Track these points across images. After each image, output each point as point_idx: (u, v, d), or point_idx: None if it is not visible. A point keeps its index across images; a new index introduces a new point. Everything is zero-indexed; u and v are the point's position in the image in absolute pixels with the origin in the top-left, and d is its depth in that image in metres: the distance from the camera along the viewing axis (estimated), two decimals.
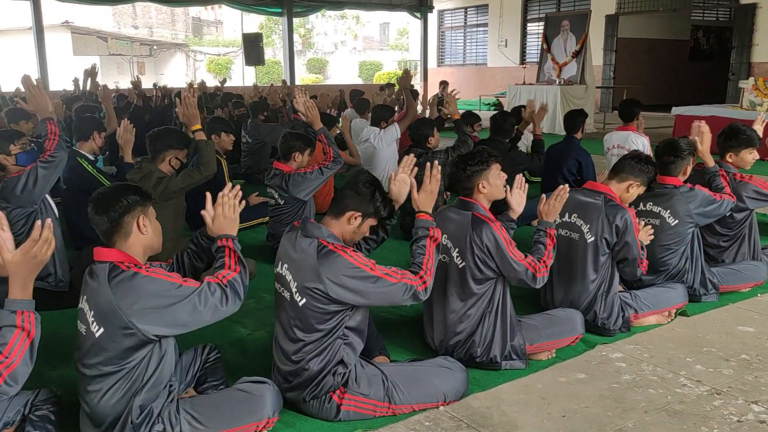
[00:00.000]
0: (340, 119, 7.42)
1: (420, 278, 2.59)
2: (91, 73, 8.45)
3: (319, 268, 2.50)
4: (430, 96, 14.92)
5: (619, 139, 6.31)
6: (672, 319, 3.63)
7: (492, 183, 3.11)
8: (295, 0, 18.95)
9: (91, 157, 5.25)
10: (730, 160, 4.17)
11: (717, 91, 15.46)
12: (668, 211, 3.80)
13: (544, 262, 2.99)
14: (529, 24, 19.36)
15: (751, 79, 9.44)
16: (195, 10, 36.67)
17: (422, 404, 2.70)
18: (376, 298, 2.55)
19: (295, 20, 34.31)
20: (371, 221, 2.68)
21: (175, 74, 29.06)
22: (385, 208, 2.70)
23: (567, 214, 3.48)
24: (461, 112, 6.04)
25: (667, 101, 15.17)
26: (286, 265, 2.64)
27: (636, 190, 3.50)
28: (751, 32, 14.29)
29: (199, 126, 4.16)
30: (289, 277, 2.61)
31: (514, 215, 3.14)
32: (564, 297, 3.49)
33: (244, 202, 2.51)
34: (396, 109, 8.66)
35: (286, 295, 2.62)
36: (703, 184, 3.97)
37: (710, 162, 4.07)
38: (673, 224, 3.79)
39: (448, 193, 5.99)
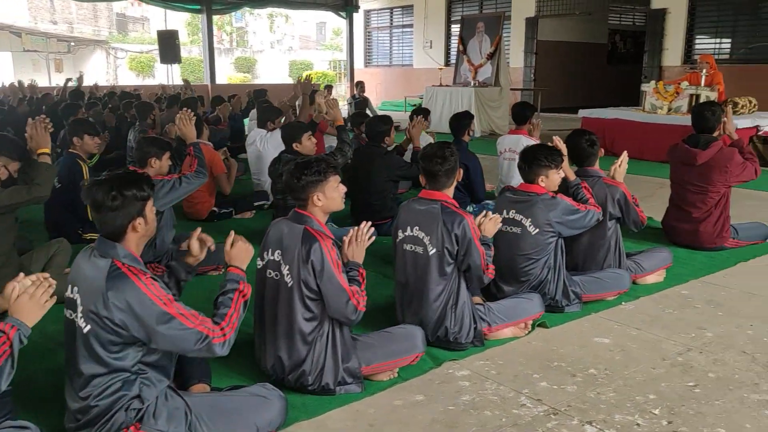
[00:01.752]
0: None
1: (221, 330, 2.35)
2: None
3: (106, 292, 2.24)
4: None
5: (511, 143, 6.25)
6: (529, 332, 3.50)
7: (329, 196, 2.90)
8: None
9: None
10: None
11: (633, 94, 15.79)
12: (529, 219, 3.68)
13: (363, 296, 2.80)
14: (452, 25, 19.38)
15: (653, 82, 9.59)
16: (119, 6, 35.46)
17: None
18: (162, 341, 2.26)
19: (223, 18, 33.71)
20: (145, 216, 2.39)
21: (95, 72, 27.96)
22: (143, 194, 2.38)
23: (409, 227, 3.30)
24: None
25: (586, 103, 15.36)
26: (76, 288, 2.36)
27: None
28: (661, 36, 14.65)
29: (47, 150, 3.91)
30: (78, 301, 2.33)
31: (344, 258, 2.92)
32: (414, 314, 3.31)
33: (55, 298, 2.18)
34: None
35: (74, 320, 2.34)
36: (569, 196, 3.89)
37: (570, 176, 3.97)
38: (533, 233, 3.67)
39: None
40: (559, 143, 3.95)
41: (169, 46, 16.68)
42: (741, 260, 4.71)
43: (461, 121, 5.92)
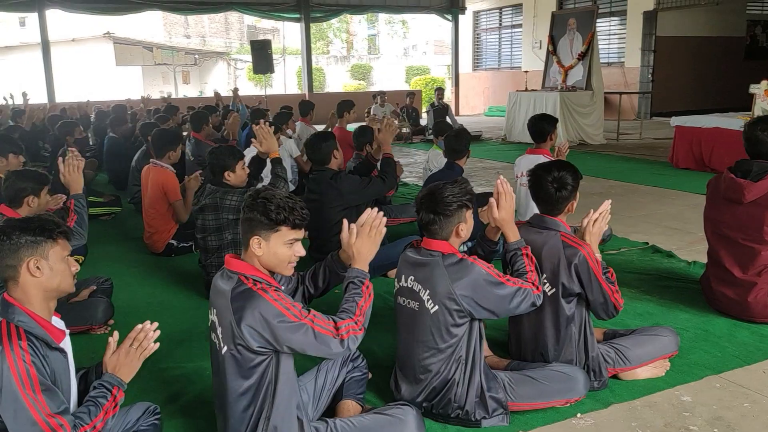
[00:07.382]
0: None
1: None
2: None
3: None
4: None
5: (529, 165, 5.00)
6: None
7: (55, 267, 2.06)
8: (313, 5, 18.22)
9: None
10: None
11: None
12: (427, 291, 2.59)
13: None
14: None
15: (764, 82, 7.71)
16: (251, 19, 36.66)
17: None
18: None
19: (337, 25, 33.85)
20: None
21: (217, 82, 28.99)
22: None
23: None
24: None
25: (717, 105, 13.26)
26: None
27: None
28: None
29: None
30: None
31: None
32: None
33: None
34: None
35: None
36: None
37: (512, 235, 2.73)
38: (432, 311, 2.57)
39: None
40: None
41: (261, 56, 16.55)
42: None
43: (458, 140, 4.79)
